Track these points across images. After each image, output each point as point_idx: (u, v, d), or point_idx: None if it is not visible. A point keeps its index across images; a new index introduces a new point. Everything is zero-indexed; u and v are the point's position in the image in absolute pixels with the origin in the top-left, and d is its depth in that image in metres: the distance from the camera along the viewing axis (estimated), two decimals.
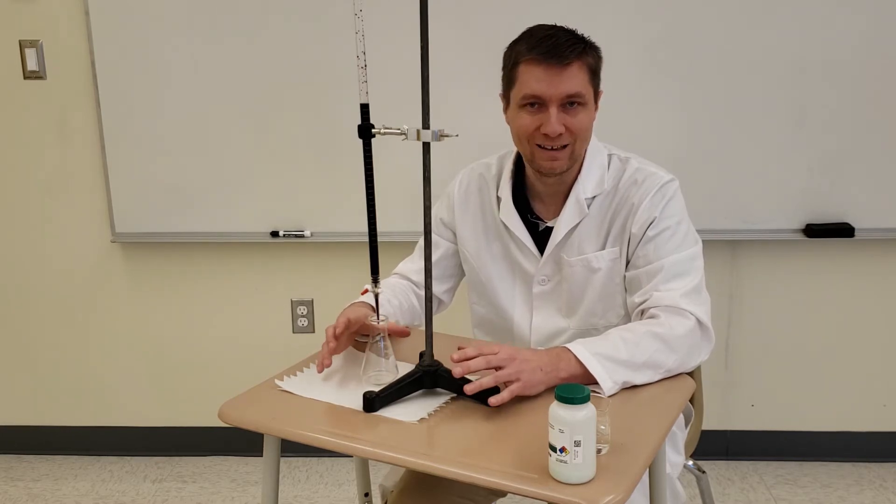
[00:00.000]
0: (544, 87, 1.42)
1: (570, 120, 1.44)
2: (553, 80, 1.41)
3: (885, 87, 2.26)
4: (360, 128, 1.25)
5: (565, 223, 1.52)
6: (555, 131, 1.42)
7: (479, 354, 1.27)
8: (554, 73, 1.41)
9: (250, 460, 2.70)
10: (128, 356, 2.67)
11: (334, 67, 2.32)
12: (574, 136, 1.45)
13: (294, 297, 2.59)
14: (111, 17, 2.35)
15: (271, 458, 1.36)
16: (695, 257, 1.47)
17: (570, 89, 1.42)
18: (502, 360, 1.27)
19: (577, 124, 1.44)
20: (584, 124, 1.46)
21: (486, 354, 1.27)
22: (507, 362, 1.27)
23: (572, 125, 1.44)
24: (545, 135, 1.44)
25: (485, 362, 1.26)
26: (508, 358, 1.27)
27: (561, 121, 1.43)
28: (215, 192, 2.44)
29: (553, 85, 1.41)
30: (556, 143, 1.44)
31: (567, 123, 1.43)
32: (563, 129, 1.43)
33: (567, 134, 1.44)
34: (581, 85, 1.42)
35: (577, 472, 1.04)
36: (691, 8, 2.23)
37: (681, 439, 1.60)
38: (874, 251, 2.44)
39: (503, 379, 1.26)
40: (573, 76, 1.41)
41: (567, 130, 1.44)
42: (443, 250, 1.67)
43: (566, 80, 1.41)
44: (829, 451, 2.59)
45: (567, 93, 1.42)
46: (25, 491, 2.55)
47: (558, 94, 1.42)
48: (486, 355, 1.27)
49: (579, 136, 1.46)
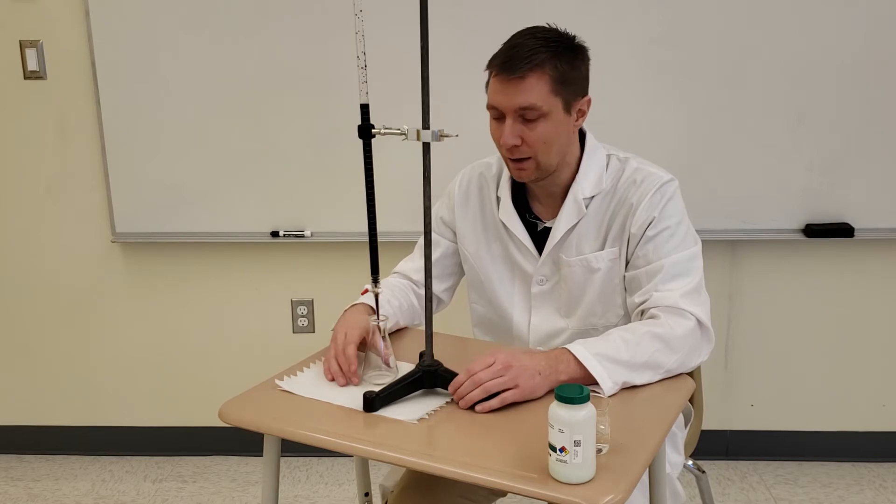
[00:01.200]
0: (499, 98, 1.42)
1: (527, 132, 1.43)
2: (507, 91, 1.41)
3: (885, 87, 2.26)
4: (360, 128, 1.25)
5: (563, 223, 1.52)
6: (506, 143, 1.43)
7: (469, 377, 1.26)
8: (508, 85, 1.40)
9: (250, 460, 2.70)
10: (128, 356, 2.67)
11: (334, 67, 2.32)
12: (533, 148, 1.43)
13: (294, 297, 2.59)
14: (111, 17, 2.35)
15: (271, 458, 1.36)
16: (694, 257, 1.47)
17: (523, 102, 1.40)
18: (497, 371, 1.26)
19: (535, 137, 1.43)
20: (544, 136, 1.43)
21: (477, 373, 1.26)
22: (503, 372, 1.26)
23: (529, 138, 1.43)
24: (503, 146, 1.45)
25: (472, 384, 1.25)
26: (503, 367, 1.26)
27: (517, 133, 1.42)
28: (215, 192, 2.44)
29: (507, 97, 1.41)
30: (514, 155, 1.45)
31: (524, 136, 1.43)
32: (519, 142, 1.43)
33: (525, 146, 1.43)
34: (537, 97, 1.40)
35: (577, 472, 1.04)
36: (691, 7, 2.23)
37: (681, 439, 1.60)
38: (874, 251, 2.44)
39: (500, 388, 1.25)
40: (529, 88, 1.40)
41: (524, 143, 1.43)
42: (443, 249, 1.67)
43: (520, 93, 1.40)
44: (829, 451, 2.60)
45: (519, 105, 1.40)
46: (25, 491, 2.55)
47: (511, 107, 1.41)
48: (478, 374, 1.26)
49: (539, 149, 1.44)
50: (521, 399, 1.26)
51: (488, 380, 1.25)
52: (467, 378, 1.26)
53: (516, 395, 1.26)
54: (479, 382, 1.25)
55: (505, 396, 1.25)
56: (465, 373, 1.27)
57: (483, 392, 1.25)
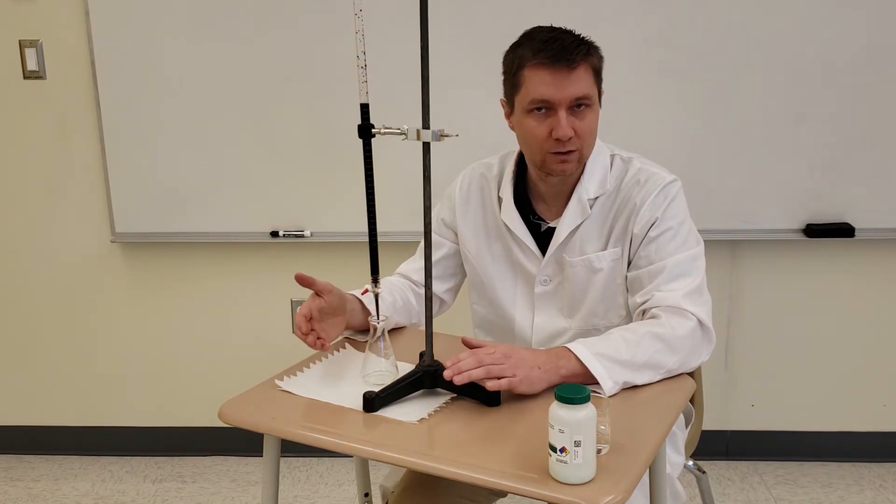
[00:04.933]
0: (552, 90, 1.41)
1: (578, 123, 1.43)
2: (562, 83, 1.40)
3: (885, 87, 2.26)
4: (360, 128, 1.25)
5: (568, 224, 1.52)
6: (566, 135, 1.42)
7: (471, 355, 1.27)
8: (562, 77, 1.40)
9: (250, 460, 2.70)
10: (128, 356, 2.67)
11: (334, 67, 2.32)
12: (581, 139, 1.44)
13: (294, 297, 2.59)
14: (111, 17, 2.35)
15: (271, 458, 1.36)
16: (696, 258, 1.47)
17: (579, 91, 1.41)
18: (497, 358, 1.27)
19: (586, 126, 1.44)
20: (592, 126, 1.46)
21: (479, 355, 1.27)
22: (503, 360, 1.27)
23: (580, 128, 1.43)
24: (556, 139, 1.43)
25: (476, 360, 1.26)
26: (503, 356, 1.27)
27: (570, 124, 1.42)
28: (215, 192, 2.44)
29: (562, 88, 1.40)
30: (566, 148, 1.44)
31: (576, 126, 1.43)
32: (573, 133, 1.43)
33: (576, 138, 1.44)
34: (588, 87, 1.42)
35: (577, 472, 1.04)
36: (691, 8, 2.23)
37: (681, 439, 1.60)
38: (874, 251, 2.44)
39: (499, 373, 1.26)
40: (580, 78, 1.41)
41: (576, 133, 1.43)
42: (445, 250, 1.67)
43: (575, 83, 1.40)
44: (829, 451, 2.59)
45: (576, 95, 1.41)
46: (25, 491, 2.55)
47: (567, 98, 1.41)
48: (481, 353, 1.27)
49: (587, 140, 1.46)
50: (516, 388, 1.27)
51: (490, 362, 1.26)
52: (470, 356, 1.27)
53: (512, 384, 1.26)
54: (481, 362, 1.26)
55: (500, 382, 1.25)
56: (469, 352, 1.28)
57: (485, 372, 1.25)
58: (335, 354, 1.49)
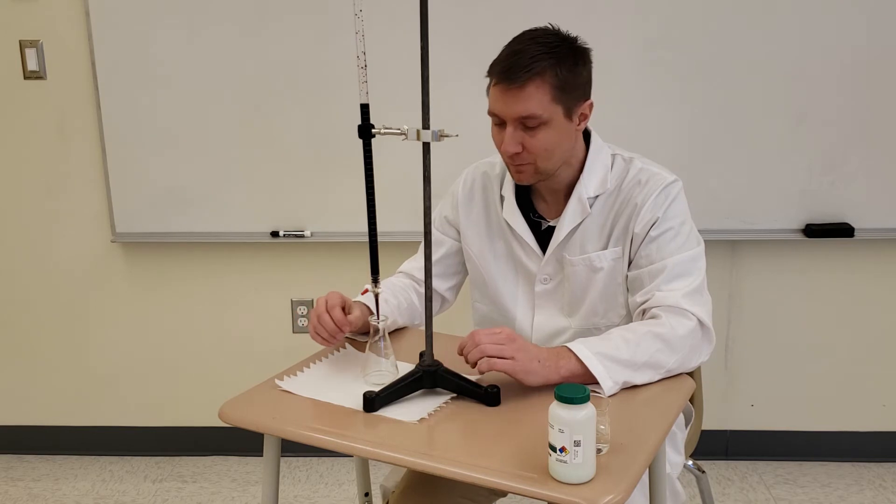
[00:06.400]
0: (500, 106, 1.42)
1: (528, 140, 1.42)
2: (507, 100, 1.40)
3: (885, 87, 2.26)
4: (360, 128, 1.25)
5: (568, 222, 1.52)
6: (507, 151, 1.43)
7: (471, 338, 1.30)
8: (508, 95, 1.40)
9: (250, 460, 2.70)
10: (128, 356, 2.67)
11: (334, 67, 2.32)
12: (533, 154, 1.44)
13: (294, 297, 2.59)
14: (111, 17, 2.35)
15: (271, 458, 1.36)
16: (697, 258, 1.47)
17: (523, 111, 1.40)
18: (501, 339, 1.29)
19: (536, 144, 1.42)
20: (546, 143, 1.43)
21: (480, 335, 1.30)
22: (507, 342, 1.29)
23: (531, 145, 1.43)
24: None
25: (472, 344, 1.29)
26: (507, 339, 1.30)
27: (518, 140, 1.42)
28: (215, 192, 2.44)
29: (507, 105, 1.41)
30: (515, 162, 1.45)
31: (525, 143, 1.43)
32: (520, 149, 1.43)
33: (525, 153, 1.44)
34: (537, 106, 1.39)
35: (577, 472, 1.04)
36: (691, 8, 2.23)
37: (681, 439, 1.60)
38: (874, 251, 2.44)
39: (496, 353, 1.28)
40: (528, 97, 1.39)
41: (525, 149, 1.43)
42: (447, 248, 1.67)
43: (520, 102, 1.39)
44: (829, 450, 2.60)
45: (520, 115, 1.40)
46: (25, 491, 2.55)
47: (511, 115, 1.41)
48: (479, 335, 1.30)
49: (539, 156, 1.44)
50: (512, 372, 1.28)
51: (487, 343, 1.28)
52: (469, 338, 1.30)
53: (507, 366, 1.28)
54: (477, 343, 1.29)
55: (494, 362, 1.27)
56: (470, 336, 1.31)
57: (479, 353, 1.28)
58: (335, 354, 1.49)
